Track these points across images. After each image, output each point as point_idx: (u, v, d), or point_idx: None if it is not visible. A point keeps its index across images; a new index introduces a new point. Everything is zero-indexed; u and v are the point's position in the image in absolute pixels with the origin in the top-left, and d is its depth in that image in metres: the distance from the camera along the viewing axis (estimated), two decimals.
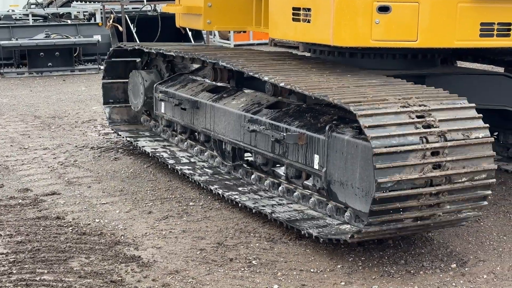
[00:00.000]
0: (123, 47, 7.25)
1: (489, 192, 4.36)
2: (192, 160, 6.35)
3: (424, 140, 4.14)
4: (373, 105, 4.25)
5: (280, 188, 5.36)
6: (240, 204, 5.33)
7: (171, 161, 6.28)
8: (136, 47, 7.04)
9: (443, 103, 4.39)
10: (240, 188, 5.62)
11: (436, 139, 4.16)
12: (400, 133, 4.12)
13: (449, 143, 4.18)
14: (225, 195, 5.50)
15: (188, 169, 6.09)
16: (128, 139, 7.08)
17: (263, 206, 5.19)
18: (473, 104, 4.42)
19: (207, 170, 6.06)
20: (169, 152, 6.57)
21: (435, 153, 4.14)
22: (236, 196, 5.43)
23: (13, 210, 5.48)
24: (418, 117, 4.22)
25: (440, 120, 4.24)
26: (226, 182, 5.78)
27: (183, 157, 6.40)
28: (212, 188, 5.65)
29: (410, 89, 4.70)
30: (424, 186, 4.14)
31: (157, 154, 6.51)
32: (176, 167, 6.14)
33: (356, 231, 4.32)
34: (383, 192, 4.04)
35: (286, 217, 4.95)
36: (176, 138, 6.75)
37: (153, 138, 6.98)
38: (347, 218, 4.66)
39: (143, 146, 6.72)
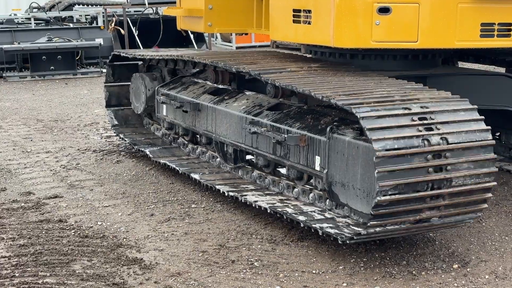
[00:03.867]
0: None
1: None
2: (327, 215, 4.86)
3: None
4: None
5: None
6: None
7: (301, 217, 4.85)
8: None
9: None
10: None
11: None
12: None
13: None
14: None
15: (331, 228, 4.62)
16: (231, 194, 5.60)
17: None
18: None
19: (354, 228, 4.56)
20: (292, 207, 5.11)
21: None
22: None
23: (16, 213, 5.49)
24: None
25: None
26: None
27: (314, 211, 4.97)
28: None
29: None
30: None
31: (279, 210, 5.07)
32: (315, 225, 4.70)
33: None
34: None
35: None
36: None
37: (262, 192, 5.53)
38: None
39: (255, 201, 5.31)
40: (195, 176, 6.01)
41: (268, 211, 5.11)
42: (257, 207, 5.24)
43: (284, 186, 5.36)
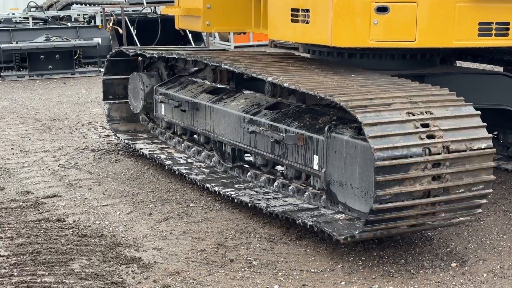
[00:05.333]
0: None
1: (485, 201, 4.39)
2: (189, 160, 6.48)
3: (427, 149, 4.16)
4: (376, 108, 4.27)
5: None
6: (236, 200, 5.42)
7: (168, 162, 6.45)
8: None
9: (448, 109, 4.37)
10: (236, 185, 5.69)
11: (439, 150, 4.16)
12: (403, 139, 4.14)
13: (451, 155, 4.17)
14: (221, 192, 5.59)
15: (186, 169, 6.21)
16: (127, 141, 7.23)
17: (258, 200, 5.27)
18: (479, 112, 4.40)
19: (204, 169, 6.19)
20: (166, 153, 6.71)
21: (436, 164, 4.15)
22: (232, 193, 5.50)
23: (14, 212, 5.50)
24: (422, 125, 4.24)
25: (444, 130, 4.23)
26: (223, 180, 5.85)
27: (180, 157, 6.57)
28: (208, 185, 5.75)
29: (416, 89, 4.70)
30: (422, 197, 4.18)
31: (155, 156, 6.65)
32: (175, 168, 6.27)
33: (351, 234, 4.33)
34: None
35: (282, 210, 5.00)
36: (174, 140, 6.89)
37: (151, 141, 7.16)
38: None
39: (140, 148, 6.91)
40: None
41: (148, 157, 6.64)
42: (142, 153, 6.79)
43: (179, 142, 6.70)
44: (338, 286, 4.20)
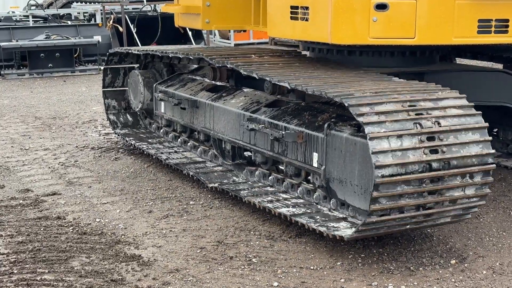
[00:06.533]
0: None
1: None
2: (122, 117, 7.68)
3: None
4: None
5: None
6: (145, 152, 6.77)
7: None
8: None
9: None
10: (149, 140, 7.05)
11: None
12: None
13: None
14: (136, 145, 6.91)
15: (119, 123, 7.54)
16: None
17: (161, 153, 6.56)
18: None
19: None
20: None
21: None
22: (144, 146, 6.81)
23: (14, 210, 5.50)
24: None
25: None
26: (140, 135, 7.26)
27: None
28: (127, 139, 7.10)
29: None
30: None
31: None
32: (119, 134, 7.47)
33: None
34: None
35: (176, 162, 6.23)
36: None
37: None
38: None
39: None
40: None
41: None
42: None
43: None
44: (338, 283, 4.20)
